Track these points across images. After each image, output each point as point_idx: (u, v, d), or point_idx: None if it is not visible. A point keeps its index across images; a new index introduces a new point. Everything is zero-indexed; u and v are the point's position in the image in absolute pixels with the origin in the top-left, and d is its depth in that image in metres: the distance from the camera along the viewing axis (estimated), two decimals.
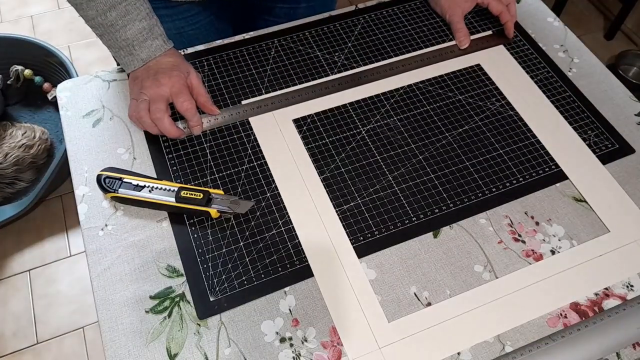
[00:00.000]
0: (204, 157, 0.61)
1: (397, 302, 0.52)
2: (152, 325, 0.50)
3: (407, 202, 0.58)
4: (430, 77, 0.69)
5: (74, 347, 1.26)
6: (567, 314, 0.52)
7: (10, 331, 1.28)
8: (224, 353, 0.49)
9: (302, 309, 0.51)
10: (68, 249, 1.41)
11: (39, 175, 1.44)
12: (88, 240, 0.55)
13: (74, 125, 0.64)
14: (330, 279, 0.53)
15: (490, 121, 0.65)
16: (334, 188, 0.59)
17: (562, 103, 0.67)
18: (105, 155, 0.61)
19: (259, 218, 0.56)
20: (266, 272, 0.53)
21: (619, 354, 0.50)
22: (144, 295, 0.52)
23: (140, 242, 0.55)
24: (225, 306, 0.51)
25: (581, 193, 0.60)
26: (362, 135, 0.63)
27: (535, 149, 0.63)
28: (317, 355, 0.49)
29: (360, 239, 0.55)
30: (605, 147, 0.63)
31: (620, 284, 0.54)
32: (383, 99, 0.67)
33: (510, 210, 0.58)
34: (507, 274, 0.54)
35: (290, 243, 0.55)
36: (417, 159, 0.62)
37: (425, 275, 0.54)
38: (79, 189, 0.59)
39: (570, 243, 0.56)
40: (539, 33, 0.76)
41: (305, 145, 0.62)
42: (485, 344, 0.50)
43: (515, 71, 0.70)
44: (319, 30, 0.74)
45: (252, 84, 0.68)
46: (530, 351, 0.48)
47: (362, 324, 0.50)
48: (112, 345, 0.49)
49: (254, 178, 0.59)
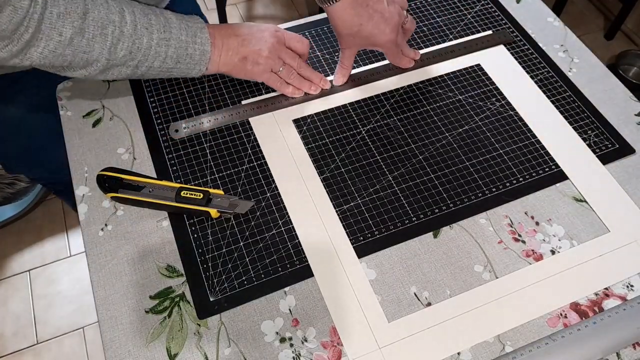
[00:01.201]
0: (204, 157, 0.61)
1: (397, 302, 0.52)
2: (152, 325, 0.50)
3: (407, 202, 0.58)
4: (430, 77, 0.69)
5: (74, 347, 1.26)
6: (567, 314, 0.52)
7: (10, 331, 1.28)
8: (224, 353, 0.49)
9: (302, 309, 0.51)
10: (68, 249, 1.41)
11: None
12: (88, 240, 0.55)
13: (74, 125, 0.64)
14: (330, 279, 0.53)
15: (490, 121, 0.65)
16: (334, 188, 0.59)
17: (562, 103, 0.67)
18: (105, 155, 0.61)
19: (259, 218, 0.56)
20: (266, 272, 0.53)
21: (619, 354, 0.50)
22: (144, 295, 0.52)
23: (140, 242, 0.55)
24: (225, 306, 0.51)
25: (581, 193, 0.60)
26: (362, 135, 0.63)
27: (535, 149, 0.63)
28: (317, 355, 0.49)
29: (360, 239, 0.55)
30: (605, 147, 0.63)
31: (620, 284, 0.54)
32: (383, 99, 0.67)
33: (510, 210, 0.58)
34: (507, 274, 0.54)
35: (290, 243, 0.55)
36: (417, 159, 0.62)
37: (425, 275, 0.54)
38: (79, 189, 0.59)
39: (570, 243, 0.56)
40: (539, 33, 0.76)
41: (305, 145, 0.62)
42: (485, 344, 0.50)
43: (515, 71, 0.70)
44: (319, 30, 0.74)
45: (252, 83, 0.68)
46: (530, 351, 0.48)
47: (362, 324, 0.50)
48: (112, 345, 0.49)
49: (254, 178, 0.59)
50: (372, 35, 0.61)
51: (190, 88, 0.67)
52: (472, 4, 0.78)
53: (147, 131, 0.63)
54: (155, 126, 0.63)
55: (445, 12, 0.77)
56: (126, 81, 0.67)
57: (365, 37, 0.62)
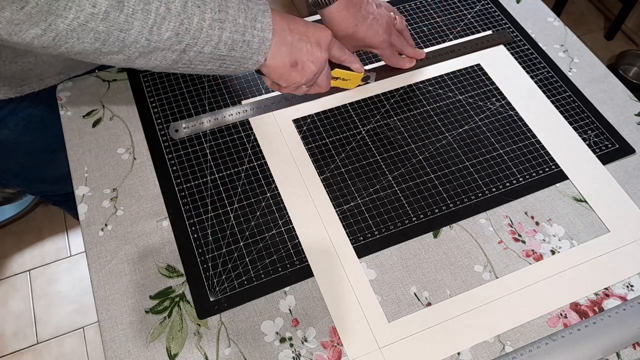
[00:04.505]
0: (204, 157, 0.61)
1: (397, 302, 0.52)
2: (152, 325, 0.50)
3: (407, 202, 0.58)
4: (430, 77, 0.69)
5: (74, 347, 1.26)
6: (567, 314, 0.52)
7: (10, 331, 1.28)
8: (224, 353, 0.49)
9: (302, 309, 0.51)
10: (68, 249, 1.41)
11: None
12: (88, 240, 0.55)
13: (74, 125, 0.64)
14: (330, 279, 0.53)
15: (490, 121, 0.65)
16: (334, 188, 0.59)
17: (562, 103, 0.67)
18: (105, 155, 0.61)
19: (259, 218, 0.56)
20: (266, 272, 0.53)
21: (619, 354, 0.50)
22: (144, 295, 0.52)
23: (140, 242, 0.55)
24: (225, 306, 0.51)
25: (581, 193, 0.60)
26: (362, 135, 0.63)
27: (535, 149, 0.63)
28: (317, 355, 0.49)
29: (360, 239, 0.55)
30: (605, 147, 0.63)
31: (620, 284, 0.54)
32: (383, 99, 0.67)
33: (510, 210, 0.58)
34: (507, 274, 0.54)
35: (290, 243, 0.55)
36: (417, 159, 0.62)
37: (425, 275, 0.54)
38: (78, 189, 0.59)
39: (570, 243, 0.56)
40: (539, 33, 0.76)
41: (305, 145, 0.62)
42: (485, 344, 0.50)
43: (515, 71, 0.70)
44: None
45: (252, 84, 0.68)
46: (530, 351, 0.48)
47: (362, 324, 0.50)
48: (112, 345, 0.49)
49: (254, 178, 0.59)
50: (367, 37, 0.62)
51: (190, 88, 0.67)
52: (472, 4, 0.78)
53: (147, 131, 0.63)
54: (155, 126, 0.63)
55: (445, 12, 0.77)
56: (126, 81, 0.67)
57: (360, 38, 0.62)
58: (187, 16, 0.43)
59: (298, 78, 0.53)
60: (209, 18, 0.44)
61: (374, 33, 0.62)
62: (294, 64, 0.52)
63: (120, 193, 0.58)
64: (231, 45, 0.47)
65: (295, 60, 0.52)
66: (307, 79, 0.53)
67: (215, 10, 0.45)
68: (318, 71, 0.54)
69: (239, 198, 0.58)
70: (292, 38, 0.51)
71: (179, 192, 0.58)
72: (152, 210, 0.57)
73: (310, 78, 0.54)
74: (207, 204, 0.57)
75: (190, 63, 0.47)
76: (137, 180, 0.59)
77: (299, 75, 0.53)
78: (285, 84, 0.53)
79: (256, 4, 0.48)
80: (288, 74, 0.52)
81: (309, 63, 0.52)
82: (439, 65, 0.71)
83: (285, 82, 0.53)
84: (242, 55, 0.48)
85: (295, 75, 0.53)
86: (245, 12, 0.47)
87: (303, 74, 0.53)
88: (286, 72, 0.52)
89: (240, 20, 0.46)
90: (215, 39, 0.46)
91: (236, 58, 0.48)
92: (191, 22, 0.43)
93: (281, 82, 0.53)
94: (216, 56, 0.47)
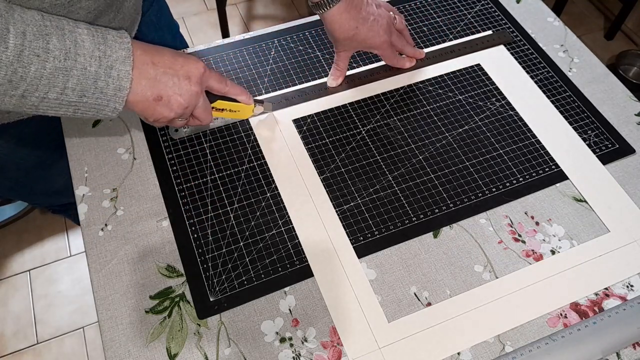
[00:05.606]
0: (204, 157, 0.61)
1: (397, 302, 0.52)
2: (152, 325, 0.50)
3: (407, 202, 0.58)
4: (430, 77, 0.69)
5: (74, 347, 1.26)
6: (567, 314, 0.52)
7: (10, 331, 1.28)
8: (224, 353, 0.49)
9: (302, 309, 0.51)
10: (68, 249, 1.41)
11: None
12: (88, 240, 0.55)
13: (74, 125, 0.64)
14: (330, 279, 0.53)
15: (490, 121, 0.65)
16: (334, 188, 0.59)
17: (562, 103, 0.67)
18: (105, 155, 0.61)
19: (259, 218, 0.56)
20: (266, 272, 0.53)
21: (619, 354, 0.50)
22: (144, 295, 0.52)
23: (140, 242, 0.55)
24: (225, 306, 0.51)
25: (581, 193, 0.60)
26: (362, 135, 0.63)
27: (535, 149, 0.63)
28: (317, 356, 0.49)
29: (360, 239, 0.55)
30: (605, 147, 0.63)
31: (620, 284, 0.54)
32: (383, 99, 0.67)
33: (510, 210, 0.58)
34: (507, 274, 0.54)
35: (290, 243, 0.55)
36: (417, 159, 0.62)
37: (425, 275, 0.54)
38: (78, 189, 0.59)
39: (570, 243, 0.56)
40: (539, 33, 0.76)
41: (305, 145, 0.62)
42: (485, 344, 0.50)
43: (515, 71, 0.70)
44: (319, 30, 0.74)
45: (252, 84, 0.68)
46: (530, 351, 0.48)
47: (362, 324, 0.50)
48: (112, 345, 0.49)
49: (254, 178, 0.59)
50: (367, 38, 0.62)
51: None
52: (472, 4, 0.78)
53: (147, 131, 0.63)
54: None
55: (445, 12, 0.77)
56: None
57: (361, 40, 0.62)
58: (22, 65, 0.42)
59: (165, 112, 0.50)
60: (50, 67, 0.43)
61: (374, 34, 0.62)
62: (157, 98, 0.49)
63: (120, 193, 0.58)
64: (80, 92, 0.45)
65: (159, 95, 0.49)
66: (176, 113, 0.51)
67: (59, 59, 0.43)
68: (189, 105, 0.51)
69: (239, 198, 0.58)
70: (156, 72, 0.49)
71: (179, 192, 0.58)
72: (152, 210, 0.57)
73: (181, 112, 0.51)
74: (207, 204, 0.57)
75: (37, 107, 0.45)
76: (137, 180, 0.59)
77: (166, 110, 0.50)
78: (151, 118, 0.51)
79: (116, 50, 0.46)
80: (152, 108, 0.50)
81: (177, 97, 0.50)
82: (439, 65, 0.71)
83: (152, 116, 0.51)
84: (96, 102, 0.47)
85: (162, 110, 0.50)
86: (100, 60, 0.45)
87: (170, 108, 0.50)
88: (150, 106, 0.50)
89: (92, 68, 0.45)
90: (60, 85, 0.44)
91: (91, 105, 0.47)
92: (27, 70, 0.42)
93: (147, 116, 0.51)
94: (65, 102, 0.46)
